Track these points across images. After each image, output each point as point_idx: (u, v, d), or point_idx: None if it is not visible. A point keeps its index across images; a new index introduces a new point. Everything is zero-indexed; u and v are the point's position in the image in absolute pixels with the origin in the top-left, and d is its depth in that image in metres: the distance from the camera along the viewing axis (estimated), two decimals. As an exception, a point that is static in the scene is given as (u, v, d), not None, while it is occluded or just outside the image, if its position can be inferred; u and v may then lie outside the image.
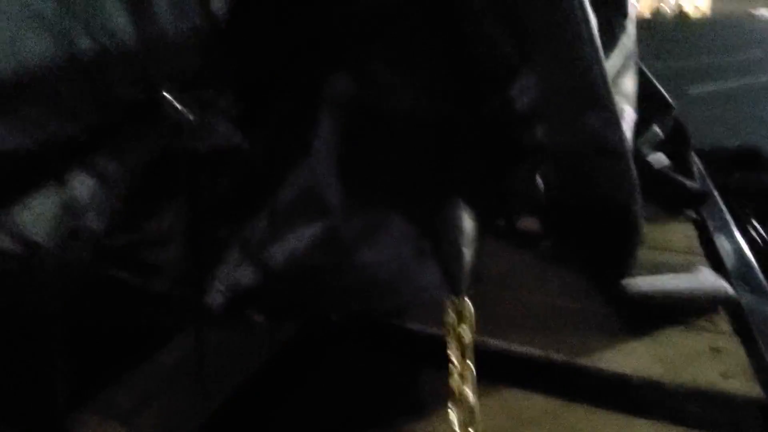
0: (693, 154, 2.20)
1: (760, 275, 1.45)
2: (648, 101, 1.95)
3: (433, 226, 0.74)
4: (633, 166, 0.80)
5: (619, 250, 1.18)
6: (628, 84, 1.48)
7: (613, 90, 1.38)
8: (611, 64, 1.41)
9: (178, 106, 0.70)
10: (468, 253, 0.73)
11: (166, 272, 0.76)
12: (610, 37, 1.47)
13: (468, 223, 0.73)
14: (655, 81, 2.03)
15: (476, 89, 0.76)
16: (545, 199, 0.76)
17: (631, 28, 1.55)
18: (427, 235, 0.73)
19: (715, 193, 2.01)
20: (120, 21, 0.67)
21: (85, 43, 0.64)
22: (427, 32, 0.76)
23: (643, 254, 1.24)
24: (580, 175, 0.75)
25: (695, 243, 1.65)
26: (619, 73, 1.44)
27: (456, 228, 0.73)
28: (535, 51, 0.69)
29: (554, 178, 0.75)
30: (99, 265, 0.74)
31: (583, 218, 1.05)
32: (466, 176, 0.80)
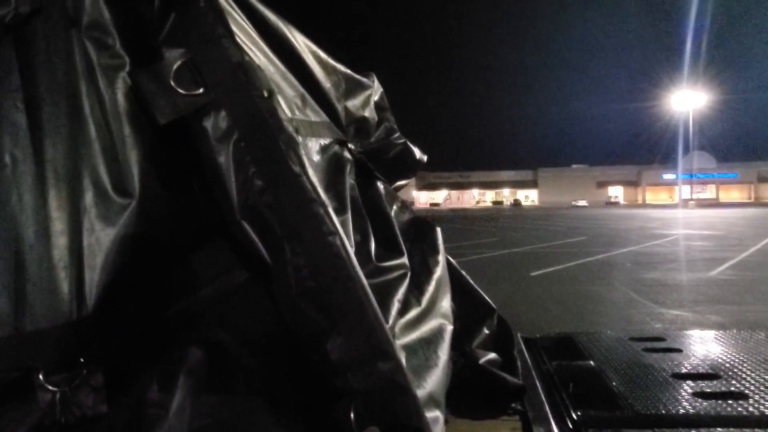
0: (522, 344, 2.58)
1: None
2: (475, 308, 2.35)
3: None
4: (417, 397, 1.04)
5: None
6: (445, 305, 1.83)
7: (433, 312, 1.72)
8: (429, 293, 1.77)
9: (49, 387, 0.86)
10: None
11: None
12: (426, 272, 1.85)
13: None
14: (479, 290, 2.44)
15: (302, 349, 1.01)
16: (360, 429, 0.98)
17: (441, 260, 1.97)
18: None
19: (538, 384, 2.33)
20: None
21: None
22: (261, 309, 1.02)
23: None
24: (381, 409, 0.98)
25: (520, 433, 1.90)
26: (437, 299, 1.79)
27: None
28: (340, 322, 0.97)
29: (365, 412, 0.97)
30: None
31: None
32: (303, 414, 1.01)
